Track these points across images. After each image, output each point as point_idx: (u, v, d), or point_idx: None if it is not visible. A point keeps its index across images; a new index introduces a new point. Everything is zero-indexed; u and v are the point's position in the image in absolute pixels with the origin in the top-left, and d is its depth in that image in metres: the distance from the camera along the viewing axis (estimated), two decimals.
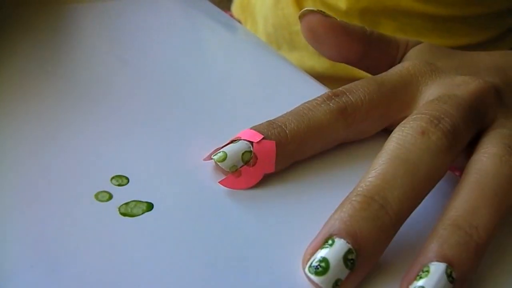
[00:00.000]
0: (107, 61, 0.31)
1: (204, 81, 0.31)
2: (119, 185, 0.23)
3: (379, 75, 0.26)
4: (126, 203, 0.22)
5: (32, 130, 0.25)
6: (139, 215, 0.21)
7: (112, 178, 0.23)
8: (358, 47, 0.28)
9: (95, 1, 0.38)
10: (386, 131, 0.25)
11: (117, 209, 0.22)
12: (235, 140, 0.23)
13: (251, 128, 0.24)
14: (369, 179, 0.20)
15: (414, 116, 0.23)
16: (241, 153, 0.23)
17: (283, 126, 0.24)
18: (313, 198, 0.23)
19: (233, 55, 0.34)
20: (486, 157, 0.22)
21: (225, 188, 0.23)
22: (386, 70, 0.27)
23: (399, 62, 0.29)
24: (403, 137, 0.21)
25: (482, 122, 0.24)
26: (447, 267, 0.19)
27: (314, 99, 0.25)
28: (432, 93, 0.25)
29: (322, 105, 0.24)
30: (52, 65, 0.30)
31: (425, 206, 0.22)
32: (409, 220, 0.21)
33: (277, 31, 0.52)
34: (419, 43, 0.29)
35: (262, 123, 0.24)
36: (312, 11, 0.27)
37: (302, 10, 0.27)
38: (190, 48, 0.35)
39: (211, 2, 0.42)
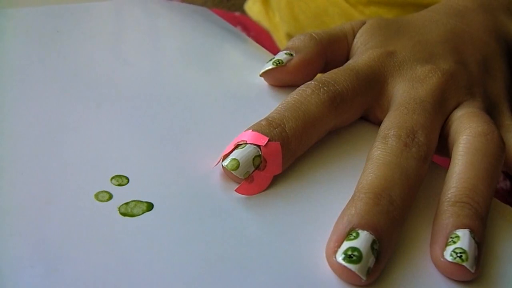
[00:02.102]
0: (107, 61, 0.31)
1: (204, 81, 0.31)
2: (119, 185, 0.23)
3: (349, 64, 0.28)
4: (126, 203, 0.22)
5: (32, 130, 0.25)
6: (139, 215, 0.21)
7: (112, 178, 0.23)
8: (321, 62, 0.30)
9: (95, 1, 0.38)
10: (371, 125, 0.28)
11: (117, 209, 0.22)
12: (240, 144, 0.23)
13: (252, 130, 0.24)
14: (371, 179, 0.22)
15: (393, 131, 0.24)
16: (252, 158, 0.23)
17: (282, 125, 0.24)
18: (311, 197, 0.23)
19: (233, 55, 0.34)
20: (472, 136, 0.24)
21: (225, 188, 0.23)
22: (344, 61, 0.30)
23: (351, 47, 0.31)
24: (389, 147, 0.24)
25: (447, 113, 0.27)
26: (470, 232, 0.21)
27: (303, 90, 0.26)
28: (398, 88, 0.28)
29: (313, 96, 0.25)
30: (51, 65, 0.30)
31: None
32: None
33: None
34: (362, 23, 0.32)
35: (260, 123, 0.24)
36: (269, 70, 0.29)
37: (260, 73, 0.30)
38: (190, 48, 0.35)
39: (211, 2, 0.42)
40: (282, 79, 0.30)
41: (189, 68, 0.32)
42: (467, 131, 0.25)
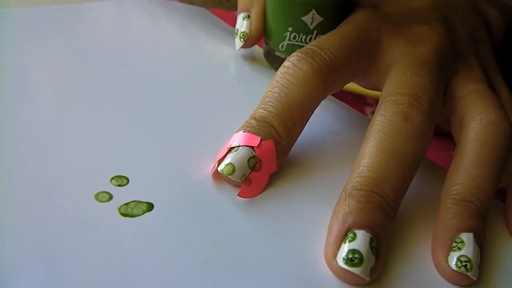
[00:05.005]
0: (107, 61, 0.31)
1: (205, 81, 0.31)
2: (119, 185, 0.23)
3: (339, 28, 0.26)
4: (126, 204, 0.22)
5: (32, 130, 0.25)
6: (139, 215, 0.21)
7: (112, 178, 0.23)
8: None
9: (95, 1, 0.38)
10: None
11: (117, 210, 0.22)
12: (233, 148, 0.23)
13: (243, 131, 0.23)
14: (364, 172, 0.22)
15: (394, 97, 0.23)
16: (246, 160, 0.23)
17: (270, 123, 0.23)
18: (310, 197, 0.23)
19: (233, 55, 0.34)
20: (483, 125, 0.24)
21: (225, 189, 0.23)
22: None
23: None
24: (388, 124, 0.23)
25: (447, 78, 0.26)
26: (474, 235, 0.21)
27: (286, 68, 0.24)
28: (397, 48, 0.26)
29: (296, 75, 0.24)
30: (51, 65, 0.30)
31: None
32: None
33: None
34: None
35: (250, 122, 0.24)
36: (242, 46, 0.31)
37: (237, 50, 0.32)
38: (191, 48, 0.35)
39: (210, 2, 0.42)
40: (255, 42, 0.31)
41: (189, 68, 0.32)
42: (479, 117, 0.24)
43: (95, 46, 0.33)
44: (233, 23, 0.53)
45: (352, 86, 0.38)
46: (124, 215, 0.21)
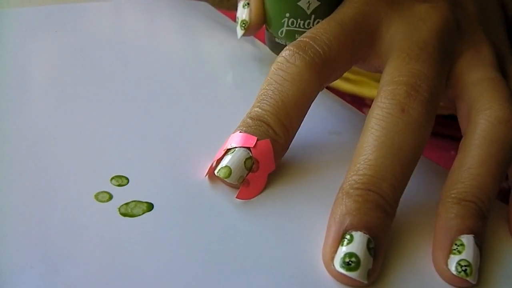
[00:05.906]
0: (107, 61, 0.31)
1: (204, 81, 0.31)
2: (119, 185, 0.23)
3: (335, 14, 0.25)
4: (126, 203, 0.22)
5: (32, 130, 0.25)
6: (139, 215, 0.21)
7: (112, 178, 0.23)
8: None
9: (95, 1, 0.38)
10: None
11: (117, 210, 0.22)
12: (230, 149, 0.23)
13: (240, 131, 0.23)
14: (361, 170, 0.21)
15: (391, 87, 0.22)
16: (243, 162, 0.22)
17: (266, 122, 0.23)
18: (310, 197, 0.23)
19: (233, 55, 0.34)
20: (490, 122, 0.23)
21: (225, 189, 0.23)
22: None
23: None
24: (384, 117, 0.22)
25: (452, 60, 0.25)
26: (474, 237, 0.21)
27: (279, 64, 0.24)
28: (397, 30, 0.25)
29: (289, 70, 0.23)
30: (51, 65, 0.30)
31: None
32: None
33: None
34: None
35: (246, 121, 0.23)
36: (243, 34, 0.30)
37: (238, 38, 0.30)
38: (190, 49, 0.35)
39: (211, 1, 0.42)
40: (256, 30, 0.30)
41: (189, 68, 0.32)
42: (487, 112, 0.23)
43: (95, 46, 0.33)
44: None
45: (350, 87, 0.38)
46: (124, 215, 0.21)
